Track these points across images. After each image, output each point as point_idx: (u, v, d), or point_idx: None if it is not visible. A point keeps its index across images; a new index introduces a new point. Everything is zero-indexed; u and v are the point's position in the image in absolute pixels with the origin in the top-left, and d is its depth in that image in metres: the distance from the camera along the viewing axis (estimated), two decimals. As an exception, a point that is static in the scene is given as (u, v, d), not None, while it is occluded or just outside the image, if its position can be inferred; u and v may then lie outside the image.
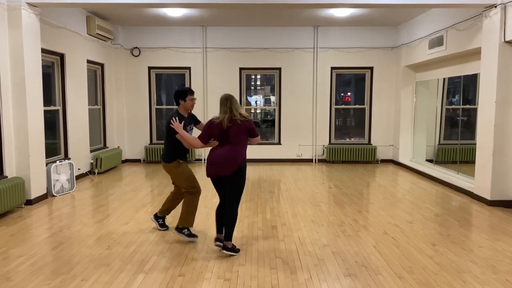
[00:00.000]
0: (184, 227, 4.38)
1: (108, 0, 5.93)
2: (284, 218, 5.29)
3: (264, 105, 10.74)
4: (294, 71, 9.99)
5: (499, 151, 5.88)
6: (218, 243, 4.18)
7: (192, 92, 4.40)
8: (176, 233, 4.43)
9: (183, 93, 4.34)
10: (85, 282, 3.41)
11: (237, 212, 4.03)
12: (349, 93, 10.80)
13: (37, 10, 6.08)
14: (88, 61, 8.45)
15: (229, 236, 4.01)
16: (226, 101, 3.96)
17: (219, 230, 4.19)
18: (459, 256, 4.00)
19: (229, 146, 3.91)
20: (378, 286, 3.34)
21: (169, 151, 4.37)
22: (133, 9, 8.16)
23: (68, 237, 4.55)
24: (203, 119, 9.98)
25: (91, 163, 8.45)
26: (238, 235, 4.59)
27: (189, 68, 9.98)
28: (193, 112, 4.60)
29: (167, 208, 4.76)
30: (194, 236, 4.40)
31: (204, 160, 10.11)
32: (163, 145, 9.83)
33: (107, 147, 9.48)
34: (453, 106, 9.07)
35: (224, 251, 4.01)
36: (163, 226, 4.81)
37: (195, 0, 5.96)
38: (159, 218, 4.82)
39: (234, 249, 4.05)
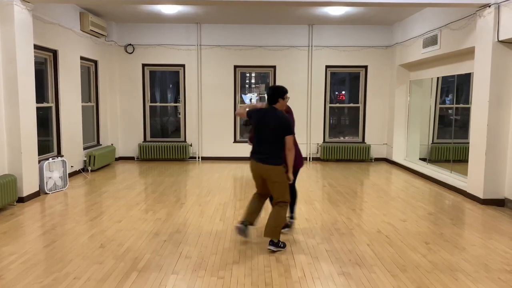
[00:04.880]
0: (277, 240, 4.06)
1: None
2: (278, 216, 5.29)
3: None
4: (288, 70, 9.98)
5: (492, 150, 5.91)
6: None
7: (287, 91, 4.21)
8: (272, 249, 4.04)
9: (284, 91, 4.11)
10: (77, 280, 3.39)
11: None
12: (343, 92, 10.82)
13: (30, 5, 6.02)
14: (82, 58, 8.38)
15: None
16: None
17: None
18: (452, 254, 4.02)
19: None
20: (371, 284, 3.35)
21: (278, 152, 3.99)
22: (127, 5, 8.11)
23: (60, 235, 4.51)
24: (198, 116, 9.95)
25: (84, 161, 8.40)
26: (232, 233, 4.58)
27: (183, 66, 9.94)
28: (188, 109, 4.47)
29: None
30: (284, 245, 4.14)
31: (200, 158, 10.09)
32: (157, 143, 9.90)
33: (101, 145, 9.42)
34: (447, 105, 9.12)
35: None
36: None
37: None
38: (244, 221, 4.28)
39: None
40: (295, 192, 4.65)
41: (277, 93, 4.12)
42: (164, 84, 10.70)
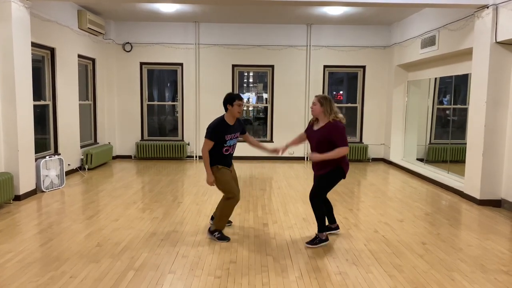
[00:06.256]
0: (216, 230, 4.39)
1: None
2: (276, 216, 5.29)
3: (257, 103, 10.72)
4: (287, 69, 9.98)
5: (489, 151, 5.93)
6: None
7: (240, 98, 4.32)
8: (208, 236, 4.43)
9: (231, 98, 4.26)
10: (74, 279, 3.38)
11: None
12: (341, 92, 10.83)
13: (27, 3, 5.99)
14: (79, 56, 8.35)
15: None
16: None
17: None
18: (448, 254, 4.03)
19: None
20: (368, 284, 3.35)
21: (211, 154, 4.32)
22: (125, 3, 8.08)
23: (57, 233, 4.50)
24: (196, 115, 9.93)
25: (81, 159, 8.38)
26: (229, 232, 4.58)
27: (181, 64, 9.92)
28: (186, 108, 4.58)
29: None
30: (226, 238, 4.35)
31: (197, 157, 10.07)
32: (154, 142, 9.90)
33: (98, 143, 9.40)
34: (444, 106, 9.15)
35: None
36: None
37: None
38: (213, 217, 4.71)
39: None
40: (328, 202, 4.60)
41: (225, 100, 4.33)
42: (162, 82, 10.68)
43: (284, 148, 4.63)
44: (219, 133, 4.24)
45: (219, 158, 4.31)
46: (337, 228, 4.65)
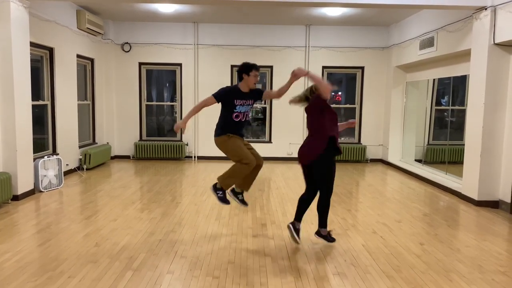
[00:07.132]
0: (221, 187, 4.24)
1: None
2: (274, 216, 5.30)
3: (255, 103, 10.71)
4: (285, 70, 9.95)
5: (487, 152, 5.94)
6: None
7: (257, 68, 4.22)
8: (211, 191, 4.34)
9: (248, 68, 4.17)
10: (72, 279, 3.37)
11: (328, 202, 4.14)
12: (339, 93, 10.84)
13: (26, 3, 5.99)
14: (78, 56, 8.35)
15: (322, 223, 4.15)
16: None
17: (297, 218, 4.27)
18: (446, 255, 4.04)
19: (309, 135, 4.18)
20: (366, 285, 3.36)
21: (218, 124, 4.29)
22: (124, 4, 8.08)
23: (55, 233, 4.49)
24: (194, 116, 9.90)
25: (80, 159, 8.37)
26: (228, 232, 4.58)
27: (180, 65, 9.92)
28: (184, 108, 4.53)
29: (244, 181, 4.41)
30: (226, 202, 4.27)
31: (195, 157, 10.07)
32: (153, 142, 9.90)
33: (96, 143, 9.39)
34: (443, 107, 9.16)
35: (317, 236, 4.21)
36: (243, 202, 4.50)
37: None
38: (238, 193, 4.48)
39: (327, 237, 4.15)
40: (310, 201, 4.30)
41: (241, 69, 4.22)
42: (161, 83, 10.68)
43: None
44: (228, 96, 4.14)
45: (230, 126, 4.18)
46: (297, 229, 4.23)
